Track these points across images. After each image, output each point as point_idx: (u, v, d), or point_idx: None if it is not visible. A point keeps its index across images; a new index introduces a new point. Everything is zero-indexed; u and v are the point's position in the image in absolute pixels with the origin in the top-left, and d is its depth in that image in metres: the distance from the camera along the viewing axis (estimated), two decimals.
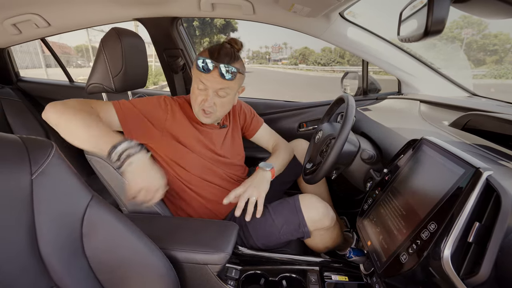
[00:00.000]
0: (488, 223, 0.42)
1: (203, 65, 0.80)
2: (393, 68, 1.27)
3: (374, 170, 0.88)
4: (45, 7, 1.20)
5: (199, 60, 0.80)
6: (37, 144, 0.48)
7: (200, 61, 0.80)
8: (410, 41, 0.51)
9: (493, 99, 1.09)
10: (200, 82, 0.83)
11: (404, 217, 0.58)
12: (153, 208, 0.87)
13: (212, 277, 0.71)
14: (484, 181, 0.44)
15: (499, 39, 54.75)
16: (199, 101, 0.86)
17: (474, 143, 0.70)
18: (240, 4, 1.14)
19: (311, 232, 0.91)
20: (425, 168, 0.61)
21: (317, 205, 0.92)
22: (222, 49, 0.83)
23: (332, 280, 0.86)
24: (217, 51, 0.82)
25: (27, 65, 13.65)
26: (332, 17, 1.13)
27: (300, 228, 0.90)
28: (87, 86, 0.94)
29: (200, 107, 0.87)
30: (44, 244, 0.45)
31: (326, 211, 0.92)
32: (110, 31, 0.91)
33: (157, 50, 1.45)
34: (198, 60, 0.80)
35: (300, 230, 0.90)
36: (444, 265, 0.43)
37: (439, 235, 0.46)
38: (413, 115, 1.09)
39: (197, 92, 0.85)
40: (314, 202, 0.93)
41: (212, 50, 0.83)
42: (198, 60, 0.80)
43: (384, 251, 0.60)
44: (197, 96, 0.86)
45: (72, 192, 0.50)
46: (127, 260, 0.56)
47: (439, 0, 0.38)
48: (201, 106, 0.86)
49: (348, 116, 0.81)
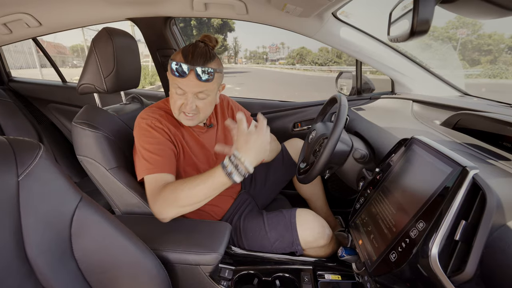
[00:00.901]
0: (474, 221, 0.43)
1: (178, 68, 0.74)
2: (386, 68, 1.27)
3: (366, 170, 0.88)
4: (36, 7, 1.19)
5: (173, 64, 0.74)
6: (24, 146, 0.47)
7: (174, 65, 0.74)
8: (399, 41, 0.51)
9: (484, 99, 1.11)
10: (177, 87, 0.78)
11: (394, 216, 0.58)
12: (146, 209, 0.86)
13: (205, 277, 0.71)
14: (471, 179, 0.45)
15: (493, 39, 55.32)
16: (178, 105, 0.81)
17: (464, 142, 0.71)
18: (233, 4, 1.14)
19: (305, 249, 0.92)
20: (415, 167, 0.61)
21: (313, 225, 0.91)
22: (196, 49, 0.76)
23: (326, 280, 0.86)
24: (191, 53, 0.75)
25: (21, 65, 13.49)
26: (325, 17, 1.13)
27: (293, 246, 0.90)
28: (78, 87, 0.93)
29: (180, 110, 0.82)
30: (31, 246, 0.45)
31: (322, 231, 0.91)
32: (101, 31, 0.90)
33: (151, 50, 1.45)
34: (172, 64, 0.74)
35: (293, 247, 0.90)
36: (432, 263, 0.44)
37: (427, 233, 0.46)
38: (406, 114, 1.10)
39: (175, 97, 0.80)
40: (311, 221, 0.92)
41: (185, 52, 0.76)
42: (172, 64, 0.74)
43: (374, 250, 0.60)
44: (175, 101, 0.80)
45: (60, 193, 0.49)
46: (117, 261, 0.56)
47: (424, 1, 0.38)
48: (181, 109, 0.82)
49: (341, 116, 0.81)
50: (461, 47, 58.05)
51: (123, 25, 10.23)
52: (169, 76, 0.80)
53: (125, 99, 1.15)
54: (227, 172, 0.66)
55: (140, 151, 0.80)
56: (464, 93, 1.22)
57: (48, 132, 1.72)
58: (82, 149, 0.84)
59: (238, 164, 0.66)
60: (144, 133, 0.81)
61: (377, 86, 1.47)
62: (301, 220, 0.91)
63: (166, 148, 0.81)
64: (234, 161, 0.66)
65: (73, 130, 0.85)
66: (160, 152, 0.79)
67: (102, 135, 0.84)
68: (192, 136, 0.91)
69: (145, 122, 0.82)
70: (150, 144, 0.80)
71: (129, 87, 1.02)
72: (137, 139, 0.82)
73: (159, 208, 0.72)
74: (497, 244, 0.40)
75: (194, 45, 0.78)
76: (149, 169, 0.77)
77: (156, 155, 0.78)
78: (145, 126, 0.81)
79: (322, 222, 0.93)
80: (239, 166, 0.66)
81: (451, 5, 0.48)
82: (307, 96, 9.55)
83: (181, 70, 0.74)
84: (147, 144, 0.80)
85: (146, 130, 0.81)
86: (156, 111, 0.86)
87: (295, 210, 0.94)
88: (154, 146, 0.79)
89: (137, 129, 0.82)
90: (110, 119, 0.91)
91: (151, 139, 0.80)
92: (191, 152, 0.90)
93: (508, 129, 0.67)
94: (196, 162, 0.91)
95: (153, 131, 0.81)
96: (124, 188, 0.84)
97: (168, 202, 0.71)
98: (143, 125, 0.82)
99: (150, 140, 0.80)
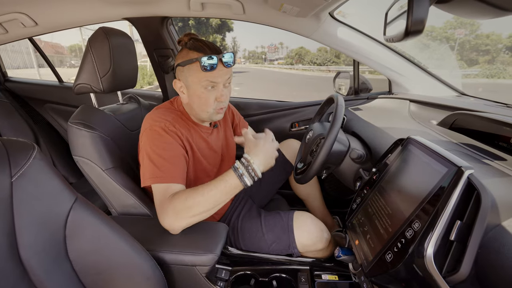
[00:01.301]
0: (469, 221, 0.43)
1: (209, 62, 0.73)
2: (383, 68, 1.27)
3: (363, 170, 0.88)
4: (32, 6, 1.18)
5: (203, 59, 0.72)
6: (18, 146, 0.47)
7: (207, 60, 0.72)
8: (394, 41, 0.51)
9: (481, 98, 1.11)
10: (209, 82, 0.76)
11: (390, 216, 0.58)
12: (142, 210, 0.86)
13: (201, 278, 0.71)
14: (466, 179, 0.45)
15: (491, 39, 55.58)
16: (212, 101, 0.79)
17: (460, 142, 0.71)
18: (230, 4, 1.14)
19: (302, 252, 0.91)
20: (411, 167, 0.62)
21: (311, 229, 0.90)
22: (203, 42, 0.77)
23: (323, 280, 0.86)
24: (205, 45, 0.76)
25: (19, 65, 13.41)
26: (322, 17, 1.13)
27: (290, 248, 0.89)
28: (74, 87, 0.93)
29: (214, 107, 0.80)
30: (24, 247, 0.44)
31: (320, 235, 0.90)
32: (98, 31, 0.90)
33: (148, 50, 1.44)
34: (204, 60, 0.72)
35: (290, 250, 0.89)
36: (427, 264, 0.44)
37: (422, 233, 0.46)
38: (403, 114, 1.10)
39: (207, 95, 0.78)
40: (308, 224, 0.91)
41: (199, 48, 0.76)
42: (204, 60, 0.72)
43: (371, 250, 0.60)
44: (207, 99, 0.78)
45: (54, 194, 0.49)
46: (113, 262, 0.55)
47: (418, 1, 0.38)
48: (216, 105, 0.80)
49: (337, 116, 0.81)
50: (459, 47, 58.29)
51: (122, 26, 10.20)
52: (194, 77, 0.76)
53: (122, 99, 1.14)
54: (238, 174, 0.67)
55: (151, 156, 0.75)
56: (461, 93, 1.22)
57: (44, 133, 1.71)
58: (78, 149, 0.83)
59: (249, 166, 0.67)
60: (157, 137, 0.76)
61: (376, 86, 1.47)
62: (299, 223, 0.90)
63: (180, 155, 0.78)
64: (245, 163, 0.68)
65: (69, 130, 0.84)
66: (173, 160, 0.76)
67: (98, 135, 0.84)
68: (201, 138, 0.89)
69: (158, 125, 0.77)
70: (164, 150, 0.75)
71: (126, 87, 1.01)
72: (149, 142, 0.76)
73: (170, 220, 0.69)
74: (492, 244, 0.40)
75: (197, 40, 0.78)
76: (160, 177, 0.73)
77: (168, 163, 0.74)
78: (159, 130, 0.77)
79: (320, 226, 0.92)
80: (249, 168, 0.67)
81: (446, 5, 0.48)
82: (306, 96, 9.57)
83: (212, 63, 0.73)
84: (160, 149, 0.75)
85: (159, 134, 0.77)
86: (168, 113, 0.83)
87: (293, 213, 0.94)
88: (167, 152, 0.76)
89: (148, 132, 0.78)
90: (107, 119, 0.91)
91: (165, 144, 0.76)
92: (200, 154, 0.87)
93: (504, 129, 0.67)
94: (205, 166, 0.89)
95: (167, 135, 0.77)
96: (120, 189, 0.83)
97: (179, 213, 0.68)
98: (157, 129, 0.77)
99: (164, 145, 0.76)
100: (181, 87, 0.81)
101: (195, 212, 0.68)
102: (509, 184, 0.48)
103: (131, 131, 1.00)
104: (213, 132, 0.94)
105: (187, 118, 0.87)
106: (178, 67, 0.79)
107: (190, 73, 0.76)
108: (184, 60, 0.76)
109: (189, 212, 0.68)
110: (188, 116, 0.87)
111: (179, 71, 0.79)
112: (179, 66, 0.78)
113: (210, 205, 0.69)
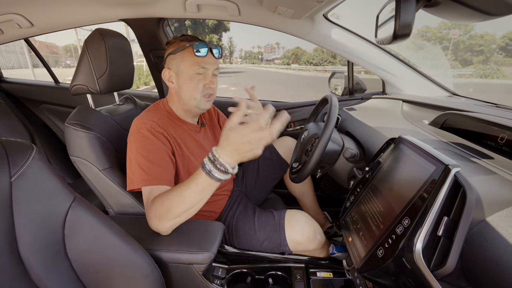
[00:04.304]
0: (455, 217, 0.45)
1: (202, 48, 0.80)
2: (376, 69, 1.29)
3: (357, 169, 0.90)
4: (27, 8, 1.18)
5: (196, 45, 0.80)
6: (17, 147, 0.48)
7: (198, 45, 0.80)
8: (384, 44, 0.53)
9: (472, 99, 1.13)
10: (200, 67, 0.82)
11: (381, 213, 0.60)
12: (139, 209, 0.87)
13: (198, 276, 0.72)
14: (452, 177, 0.46)
15: (485, 40, 56.24)
16: (200, 87, 0.83)
17: (450, 141, 0.73)
18: (225, 5, 1.15)
19: (295, 251, 0.91)
20: (401, 165, 0.63)
21: (303, 227, 0.90)
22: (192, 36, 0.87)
23: (317, 277, 0.88)
24: (194, 37, 0.85)
25: (13, 65, 13.27)
26: (316, 19, 1.15)
27: (281, 246, 0.89)
28: (71, 88, 0.93)
29: (202, 93, 0.84)
30: (24, 245, 0.45)
31: (312, 236, 0.90)
32: (94, 32, 0.90)
33: (144, 50, 1.45)
34: (196, 45, 0.80)
35: (281, 248, 0.90)
36: (416, 258, 0.45)
37: (412, 230, 0.48)
38: (396, 114, 1.12)
39: (196, 79, 0.83)
40: (301, 223, 0.91)
41: (193, 37, 0.85)
42: (196, 45, 0.80)
43: (363, 247, 0.62)
44: (198, 83, 0.83)
45: (53, 194, 0.50)
46: (111, 261, 0.56)
47: (405, 6, 0.40)
48: (204, 91, 0.84)
49: (331, 116, 0.83)
50: (453, 47, 58.81)
51: (117, 26, 10.08)
52: (187, 61, 0.82)
53: (118, 100, 1.15)
54: (206, 170, 0.62)
55: (137, 159, 0.76)
56: (453, 93, 1.25)
57: (40, 133, 1.70)
58: (75, 150, 0.84)
59: (215, 160, 0.61)
60: (142, 139, 0.78)
61: (371, 86, 1.49)
62: (291, 221, 0.91)
63: (166, 157, 0.79)
64: (211, 158, 0.62)
65: (66, 131, 0.85)
66: (159, 162, 0.76)
67: (95, 135, 0.84)
68: (190, 136, 0.91)
69: (144, 127, 0.79)
70: (150, 152, 0.76)
71: (122, 88, 1.02)
72: (135, 145, 0.78)
73: (154, 223, 0.70)
74: (476, 238, 0.42)
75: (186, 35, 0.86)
76: (146, 180, 0.74)
77: (154, 165, 0.75)
78: (145, 132, 0.78)
79: (314, 227, 0.92)
80: (216, 163, 0.61)
81: (434, 9, 0.50)
82: (302, 96, 9.60)
83: (202, 47, 0.80)
84: (146, 152, 0.76)
85: (145, 136, 0.78)
86: (154, 114, 0.85)
87: (285, 212, 0.94)
88: (153, 154, 0.77)
89: (135, 136, 0.79)
90: (103, 120, 0.92)
91: (150, 146, 0.77)
92: (189, 152, 0.88)
93: (492, 128, 0.69)
94: (195, 164, 0.89)
95: (153, 137, 0.78)
96: (117, 188, 0.84)
97: (160, 216, 0.68)
98: (143, 131, 0.78)
99: (149, 147, 0.77)
100: (170, 77, 0.86)
101: (175, 213, 0.67)
102: (494, 181, 0.50)
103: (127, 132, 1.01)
104: (201, 130, 0.97)
105: (174, 116, 0.90)
106: (170, 56, 0.85)
107: (182, 58, 0.82)
108: (176, 48, 0.83)
109: (168, 215, 0.67)
110: (174, 114, 0.90)
111: (170, 59, 0.85)
112: (171, 54, 0.84)
113: (187, 205, 0.66)
